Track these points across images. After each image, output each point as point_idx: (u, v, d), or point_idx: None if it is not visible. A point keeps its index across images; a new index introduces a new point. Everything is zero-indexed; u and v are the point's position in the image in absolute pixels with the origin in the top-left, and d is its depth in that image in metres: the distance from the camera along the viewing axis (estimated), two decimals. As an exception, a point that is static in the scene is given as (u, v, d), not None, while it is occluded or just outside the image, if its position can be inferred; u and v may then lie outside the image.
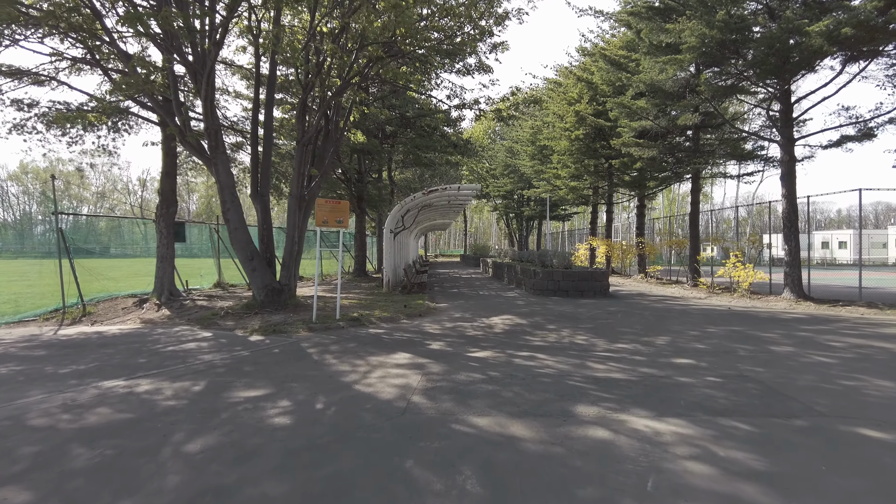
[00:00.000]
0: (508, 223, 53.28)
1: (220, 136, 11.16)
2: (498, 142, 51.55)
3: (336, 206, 10.64)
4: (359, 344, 8.52)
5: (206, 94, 10.23)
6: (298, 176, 12.04)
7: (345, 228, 10.94)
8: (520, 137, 36.87)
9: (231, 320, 10.87)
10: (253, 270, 11.61)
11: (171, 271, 13.95)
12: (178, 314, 12.05)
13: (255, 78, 12.27)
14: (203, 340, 8.92)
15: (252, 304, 11.84)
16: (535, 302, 14.71)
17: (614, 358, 7.44)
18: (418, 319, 11.41)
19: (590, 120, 23.24)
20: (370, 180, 25.35)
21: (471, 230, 76.38)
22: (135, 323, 11.22)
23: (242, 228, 11.59)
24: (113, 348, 8.30)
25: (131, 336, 9.47)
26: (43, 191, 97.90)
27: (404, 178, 35.19)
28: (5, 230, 45.49)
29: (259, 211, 12.20)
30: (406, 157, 29.12)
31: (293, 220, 12.14)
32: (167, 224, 13.83)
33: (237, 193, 11.67)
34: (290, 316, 11.15)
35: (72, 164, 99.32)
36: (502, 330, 9.98)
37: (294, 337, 9.22)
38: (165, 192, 13.82)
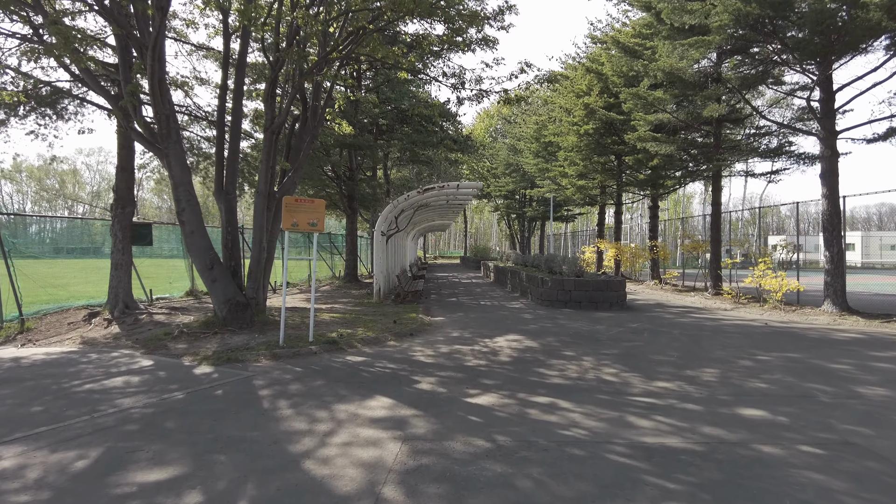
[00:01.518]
0: (510, 224, 51.50)
1: (174, 122, 9.36)
2: (499, 140, 49.80)
3: (309, 207, 8.85)
4: (328, 381, 6.72)
5: (153, 70, 8.44)
6: (266, 170, 10.23)
7: (319, 232, 9.16)
8: (523, 134, 35.12)
9: (184, 342, 9.07)
10: (213, 281, 9.82)
11: (128, 280, 12.16)
12: (127, 332, 10.26)
13: (224, 54, 10.47)
14: (137, 373, 7.13)
15: (213, 321, 10.05)
16: (544, 315, 12.91)
17: (660, 407, 5.64)
18: (408, 341, 9.61)
19: (600, 113, 21.44)
20: (363, 178, 23.56)
21: (471, 231, 74.54)
22: (73, 343, 9.44)
23: (200, 232, 9.80)
24: (16, 385, 6.51)
25: (54, 364, 7.67)
26: (37, 190, 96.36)
27: (401, 176, 33.41)
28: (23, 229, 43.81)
29: (223, 211, 10.42)
30: (402, 154, 27.36)
31: (260, 221, 10.34)
32: (123, 226, 12.04)
33: (194, 191, 9.88)
34: (255, 337, 9.35)
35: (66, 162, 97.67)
36: (509, 357, 8.18)
37: (250, 368, 7.42)
38: (120, 189, 12.03)
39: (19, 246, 13.06)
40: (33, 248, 15.22)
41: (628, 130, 20.63)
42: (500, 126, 53.13)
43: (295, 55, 8.75)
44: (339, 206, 22.65)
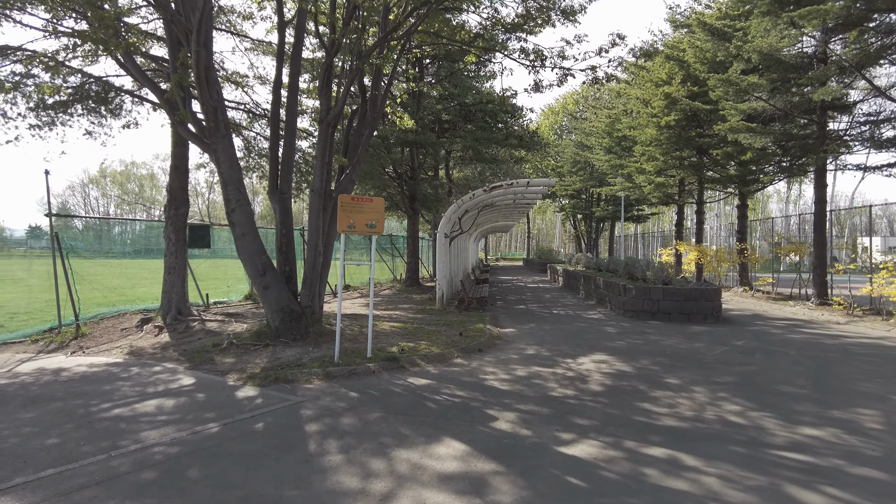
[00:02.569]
0: (576, 225, 49.42)
1: (222, 115, 8.59)
2: (565, 137, 47.88)
3: (367, 206, 7.84)
4: (387, 413, 5.63)
5: (199, 57, 7.67)
6: (322, 166, 9.32)
7: (378, 234, 8.13)
8: (593, 129, 33.26)
9: (232, 355, 8.26)
10: (265, 288, 8.99)
11: (182, 285, 11.61)
12: (177, 341, 9.61)
13: (279, 45, 9.65)
14: (174, 394, 6.30)
15: (265, 331, 9.23)
16: (629, 329, 11.40)
17: (825, 471, 4.19)
18: (477, 358, 8.43)
19: (683, 103, 19.52)
20: (425, 178, 22.59)
21: (533, 232, 72.58)
22: (120, 353, 8.85)
23: (252, 234, 8.99)
24: (42, 407, 5.79)
25: (91, 380, 6.99)
26: (119, 194, 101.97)
27: (462, 175, 32.29)
28: (86, 232, 46.35)
29: (278, 212, 9.60)
30: (464, 153, 26.25)
31: (315, 222, 9.44)
32: (176, 228, 11.49)
33: (245, 189, 9.09)
34: (309, 350, 8.42)
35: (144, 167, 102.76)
36: (601, 385, 6.84)
37: (300, 392, 6.44)
38: (174, 189, 11.49)
39: (77, 248, 12.84)
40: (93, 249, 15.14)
41: (717, 121, 18.64)
42: (565, 123, 51.18)
43: (352, 34, 7.77)
44: (400, 207, 21.80)
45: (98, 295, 13.85)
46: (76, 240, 14.11)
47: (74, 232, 37.76)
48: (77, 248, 12.58)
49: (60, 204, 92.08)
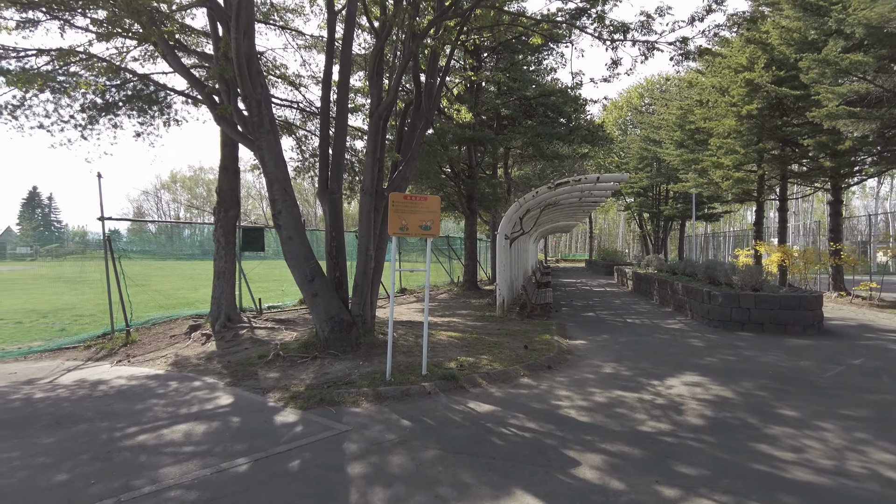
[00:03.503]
0: (642, 224, 47.08)
1: (266, 110, 7.95)
2: (630, 132, 45.75)
3: (421, 206, 6.97)
4: (444, 451, 4.72)
5: (239, 45, 7.03)
6: (373, 163, 8.54)
7: (434, 237, 7.25)
8: (663, 122, 31.32)
9: (277, 369, 7.60)
10: (314, 296, 8.30)
11: (231, 290, 11.16)
12: (222, 351, 9.09)
13: (328, 37, 8.95)
14: (207, 417, 5.63)
15: (313, 342, 8.54)
16: (718, 342, 10.05)
17: None
18: (547, 377, 7.40)
19: (768, 89, 17.68)
20: (483, 176, 21.63)
21: (595, 232, 70.10)
22: (164, 364, 8.39)
23: (299, 238, 8.32)
24: (66, 430, 5.24)
25: (126, 396, 6.46)
26: (188, 198, 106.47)
27: (522, 174, 31.15)
28: (159, 234, 48.35)
29: (327, 213, 8.91)
30: (524, 150, 25.12)
31: (366, 224, 8.66)
32: (226, 231, 11.04)
33: (292, 190, 8.43)
34: (359, 365, 7.65)
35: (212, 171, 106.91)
36: (700, 416, 5.68)
37: (346, 417, 5.63)
38: (223, 191, 11.06)
39: (134, 251, 12.69)
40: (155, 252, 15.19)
41: (808, 108, 16.72)
42: (629, 117, 48.97)
43: (405, 13, 6.93)
44: (457, 207, 20.93)
45: (149, 298, 13.73)
46: (145, 243, 14.07)
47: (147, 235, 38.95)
48: (133, 252, 12.42)
49: (136, 208, 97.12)
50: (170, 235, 44.95)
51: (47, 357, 9.30)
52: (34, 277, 30.17)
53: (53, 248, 60.59)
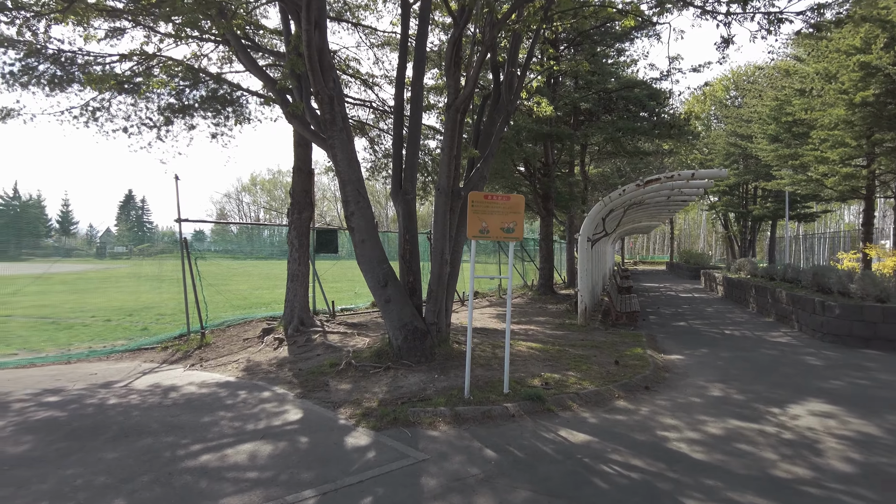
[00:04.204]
0: (727, 225, 44.12)
1: (339, 106, 7.54)
2: (714, 127, 42.98)
3: (503, 206, 6.30)
4: (537, 492, 4.03)
5: (310, 38, 6.64)
6: (449, 160, 7.94)
7: (516, 240, 6.56)
8: (754, 115, 29.01)
9: (348, 380, 7.16)
10: (387, 302, 7.82)
11: (304, 293, 10.93)
12: (294, 357, 8.80)
13: (402, 32, 8.47)
14: (274, 436, 5.22)
15: (386, 350, 8.06)
16: (839, 361, 8.74)
17: None
18: (646, 401, 6.53)
19: (890, 72, 15.68)
20: (559, 174, 20.65)
21: (675, 233, 66.58)
22: (236, 370, 8.18)
23: (372, 241, 7.87)
24: (131, 444, 4.97)
25: (194, 406, 6.20)
26: (268, 200, 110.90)
27: (599, 171, 29.77)
28: (240, 235, 50.44)
29: (401, 215, 8.41)
30: (602, 147, 23.88)
31: (442, 226, 8.08)
32: (300, 233, 10.83)
33: (365, 191, 8.00)
34: (434, 378, 7.07)
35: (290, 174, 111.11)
36: (845, 459, 4.67)
37: (422, 443, 5.05)
38: (297, 192, 10.85)
39: (212, 252, 12.79)
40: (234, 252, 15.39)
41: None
42: (713, 111, 46.05)
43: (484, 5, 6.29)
44: (531, 207, 20.06)
45: (225, 299, 13.84)
46: (227, 243, 14.23)
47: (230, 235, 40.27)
48: (215, 251, 12.51)
49: (219, 210, 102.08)
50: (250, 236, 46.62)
51: (127, 357, 9.37)
52: (126, 275, 31.95)
53: (145, 247, 64.31)
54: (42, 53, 9.00)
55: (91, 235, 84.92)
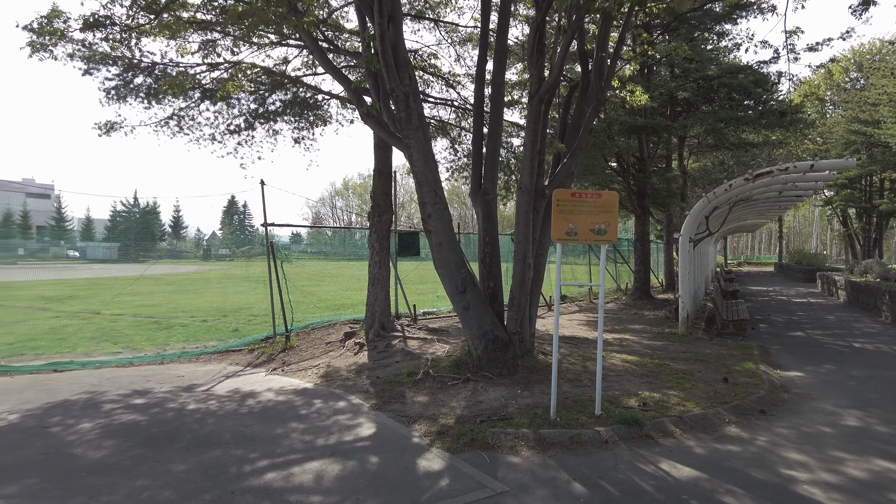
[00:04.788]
0: (846, 221, 39.83)
1: (415, 104, 7.18)
2: (831, 114, 38.94)
3: (593, 204, 5.64)
4: (638, 546, 3.40)
5: (383, 32, 6.32)
6: (532, 155, 7.34)
7: (609, 243, 5.87)
8: (882, 98, 25.85)
9: (425, 391, 6.77)
10: (466, 309, 7.36)
11: (385, 297, 10.73)
12: (373, 363, 8.55)
13: (482, 26, 7.99)
14: (343, 453, 4.89)
15: (465, 360, 7.59)
16: None
17: None
18: (763, 428, 5.60)
19: None
20: (655, 170, 19.30)
21: (784, 231, 61.18)
22: (314, 376, 8.06)
23: (450, 244, 7.45)
24: (204, 454, 4.83)
25: (268, 416, 6.05)
26: (359, 203, 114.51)
27: (699, 166, 27.76)
28: (333, 237, 52.64)
29: (480, 217, 7.92)
30: (702, 139, 22.14)
31: (524, 228, 7.49)
32: (380, 237, 10.64)
33: (442, 192, 7.58)
34: (517, 393, 6.52)
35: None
36: None
37: (500, 470, 4.53)
38: (377, 195, 10.66)
39: (301, 256, 12.95)
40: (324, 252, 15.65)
41: None
42: (828, 96, 41.75)
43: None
44: (625, 206, 18.87)
45: (310, 301, 13.99)
46: (321, 245, 14.45)
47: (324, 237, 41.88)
48: (303, 254, 12.67)
49: (314, 213, 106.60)
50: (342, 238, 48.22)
51: (215, 360, 9.55)
52: (227, 276, 33.87)
53: (245, 249, 68.39)
54: (138, 67, 9.36)
55: (199, 239, 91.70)
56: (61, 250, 60.32)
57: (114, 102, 9.47)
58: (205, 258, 70.48)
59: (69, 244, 66.40)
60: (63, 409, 6.26)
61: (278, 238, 44.18)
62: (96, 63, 8.67)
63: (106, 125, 10.22)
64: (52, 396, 6.84)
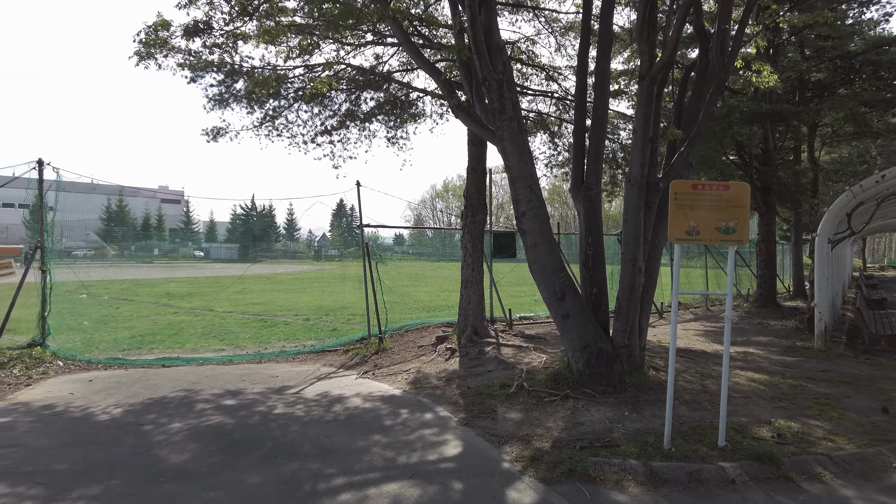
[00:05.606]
0: None
1: (508, 93, 6.61)
2: None
3: (719, 197, 4.77)
4: None
5: (473, 15, 5.81)
6: (643, 144, 6.48)
7: (739, 243, 4.94)
8: None
9: (518, 407, 6.18)
10: (565, 318, 6.67)
11: (479, 301, 10.23)
12: (464, 372, 8.09)
13: (584, 8, 7.27)
14: (425, 476, 4.44)
15: (564, 373, 6.90)
16: None
17: None
18: (948, 477, 4.44)
19: None
20: (781, 162, 17.25)
21: (939, 230, 53.11)
22: (404, 381, 7.74)
23: (547, 245, 6.80)
24: (281, 466, 4.58)
25: (355, 424, 5.75)
26: (458, 205, 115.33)
27: (833, 157, 24.70)
28: (434, 238, 53.47)
29: (582, 214, 7.18)
30: (839, 128, 19.56)
31: (634, 226, 6.65)
32: (473, 237, 10.16)
33: (539, 188, 6.96)
34: (623, 415, 5.75)
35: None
36: None
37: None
38: (470, 194, 10.20)
39: (389, 257, 12.83)
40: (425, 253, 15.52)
41: None
42: None
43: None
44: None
45: (403, 302, 13.83)
46: (423, 246, 14.36)
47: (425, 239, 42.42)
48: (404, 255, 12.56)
49: (416, 215, 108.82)
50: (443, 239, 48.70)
51: (310, 360, 9.55)
52: (333, 276, 35.12)
53: (352, 250, 70.99)
54: (238, 73, 9.57)
55: (310, 240, 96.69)
56: (188, 251, 66.10)
57: (217, 108, 9.76)
58: (315, 258, 74.03)
59: (195, 245, 72.65)
60: (160, 407, 6.37)
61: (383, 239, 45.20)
62: (200, 70, 8.94)
63: (213, 131, 10.59)
64: (153, 392, 7.03)
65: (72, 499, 4.04)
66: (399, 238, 66.34)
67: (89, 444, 5.11)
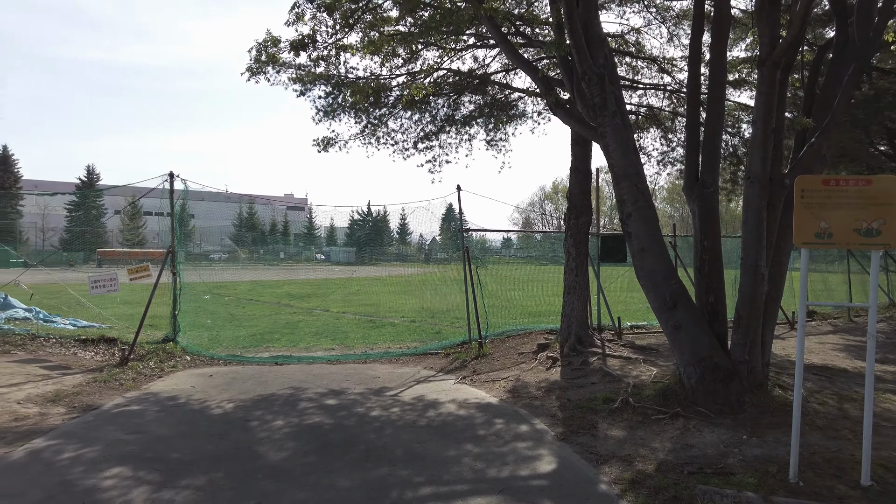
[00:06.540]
0: None
1: (610, 87, 6.18)
2: None
3: (857, 194, 4.09)
4: None
5: (570, 7, 5.50)
6: (764, 136, 5.74)
7: (885, 247, 4.20)
8: None
9: (621, 424, 5.75)
10: (676, 329, 6.12)
11: (583, 308, 9.74)
12: (565, 383, 7.73)
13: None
14: (515, 493, 4.22)
15: (674, 389, 6.33)
16: None
17: None
18: None
19: None
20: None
21: None
22: (501, 389, 7.57)
23: (655, 249, 6.28)
24: (363, 474, 4.59)
25: (448, 431, 5.67)
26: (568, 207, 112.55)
27: None
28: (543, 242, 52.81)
29: (696, 215, 6.56)
30: None
31: (755, 228, 5.92)
32: (577, 241, 9.72)
33: (646, 187, 6.45)
34: (741, 439, 5.13)
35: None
36: None
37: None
38: (574, 195, 9.75)
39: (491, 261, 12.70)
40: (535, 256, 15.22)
41: None
42: None
43: None
44: None
45: (512, 307, 13.59)
46: (531, 249, 14.21)
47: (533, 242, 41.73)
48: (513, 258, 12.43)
49: (524, 218, 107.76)
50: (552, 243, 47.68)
51: (412, 362, 9.68)
52: (441, 279, 35.66)
53: (459, 254, 71.82)
54: (344, 83, 9.93)
55: (421, 244, 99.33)
56: (311, 254, 70.54)
57: (325, 119, 10.20)
58: (426, 261, 75.70)
59: (317, 249, 77.41)
60: (267, 404, 6.70)
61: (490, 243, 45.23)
62: (309, 83, 9.38)
63: (323, 141, 11.09)
64: (263, 389, 7.43)
65: (181, 486, 4.31)
66: (507, 241, 66.12)
67: (201, 436, 5.47)
